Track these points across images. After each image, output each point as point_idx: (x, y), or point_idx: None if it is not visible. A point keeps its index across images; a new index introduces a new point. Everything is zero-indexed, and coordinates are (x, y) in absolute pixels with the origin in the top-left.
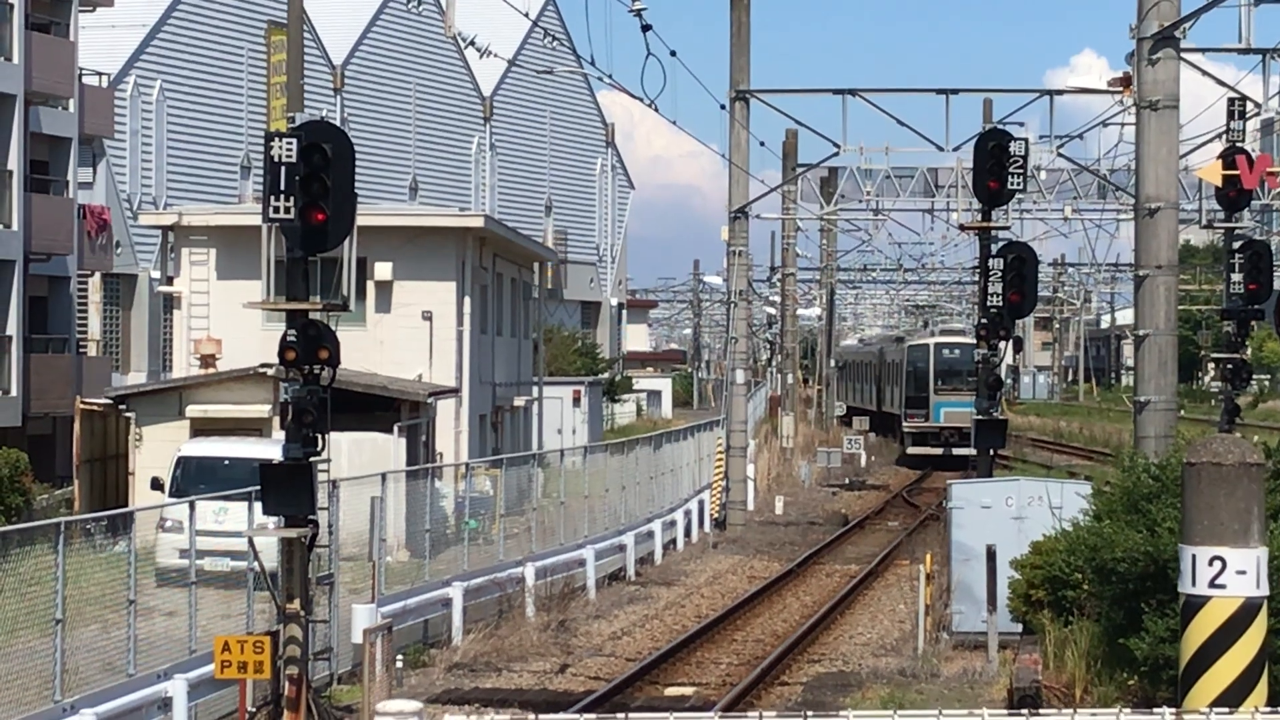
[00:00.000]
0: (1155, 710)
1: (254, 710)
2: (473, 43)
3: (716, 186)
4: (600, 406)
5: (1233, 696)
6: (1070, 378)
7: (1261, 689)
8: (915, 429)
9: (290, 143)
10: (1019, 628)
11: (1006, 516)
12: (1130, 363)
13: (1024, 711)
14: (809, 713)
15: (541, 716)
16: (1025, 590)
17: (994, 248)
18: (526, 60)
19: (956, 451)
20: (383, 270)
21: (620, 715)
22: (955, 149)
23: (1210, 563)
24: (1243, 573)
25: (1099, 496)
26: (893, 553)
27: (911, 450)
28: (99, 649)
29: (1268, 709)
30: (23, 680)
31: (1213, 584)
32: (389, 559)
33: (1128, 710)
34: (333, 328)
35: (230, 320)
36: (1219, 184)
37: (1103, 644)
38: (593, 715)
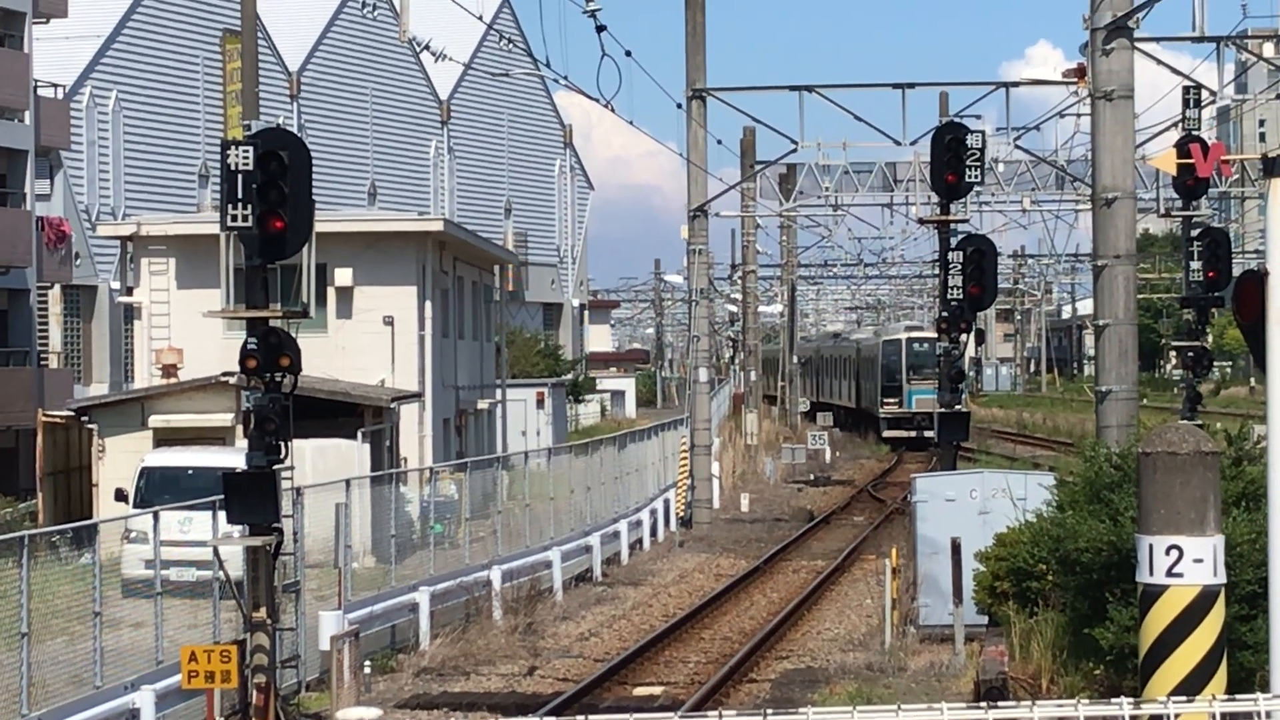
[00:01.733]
0: (1114, 700)
1: (222, 719)
2: (427, 47)
3: (676, 185)
4: (564, 408)
5: (1192, 684)
6: (1033, 369)
7: (1220, 676)
8: (890, 415)
9: (246, 151)
10: (985, 620)
11: (971, 509)
12: (1092, 352)
13: (983, 705)
14: (769, 711)
15: None
16: (990, 582)
17: (953, 241)
18: (482, 63)
19: (928, 434)
20: (343, 276)
21: (581, 718)
22: (913, 143)
23: (1167, 552)
24: (1200, 561)
25: (1062, 487)
26: (859, 547)
27: (887, 434)
28: (66, 661)
29: (1226, 696)
30: None
31: (1170, 573)
32: (355, 565)
33: (1086, 700)
34: (294, 335)
35: (191, 329)
36: (1174, 173)
37: (1068, 634)
38: (559, 718)
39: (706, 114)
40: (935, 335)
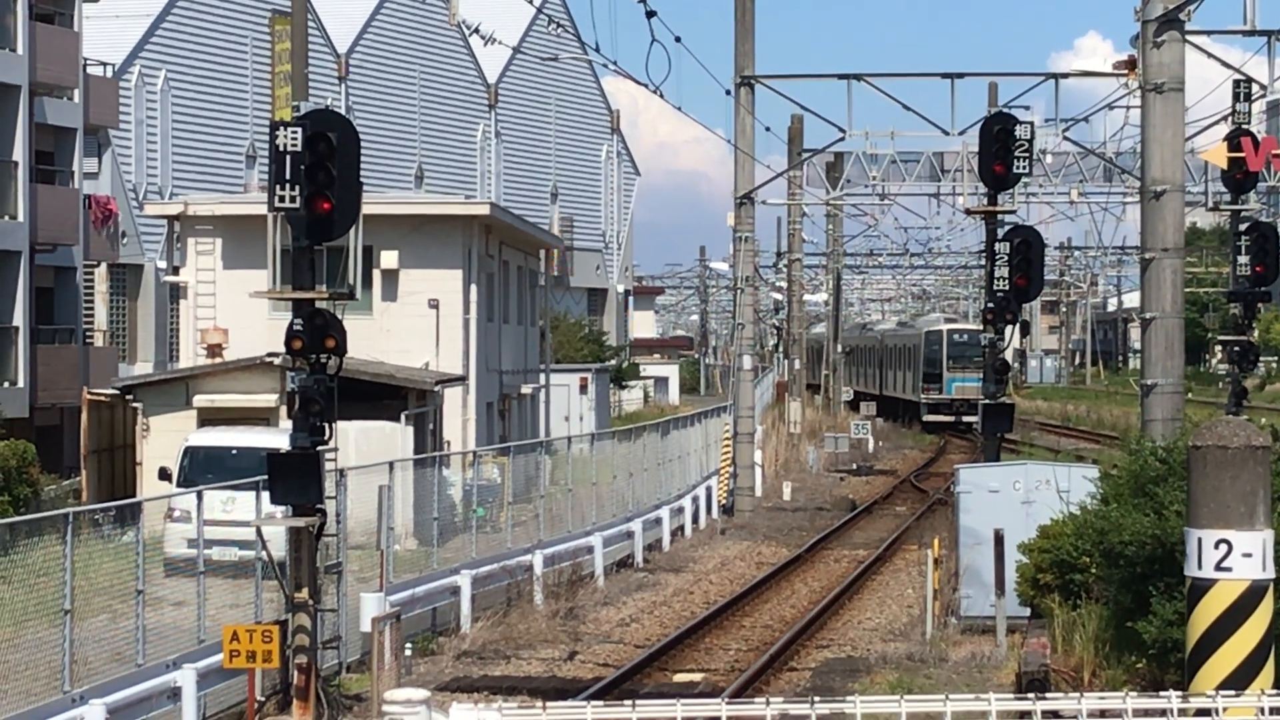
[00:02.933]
0: (1162, 693)
1: (263, 699)
2: (476, 30)
3: (722, 172)
4: (607, 393)
5: (1240, 679)
6: (1078, 361)
7: (1268, 671)
8: (931, 400)
9: (295, 132)
10: (1027, 612)
11: (1014, 501)
12: (1138, 346)
13: (1030, 696)
14: (816, 699)
15: (550, 705)
16: (1033, 574)
17: (1000, 232)
18: (531, 47)
19: (965, 419)
20: (389, 259)
21: (628, 703)
22: (961, 133)
23: (1216, 546)
24: (1249, 555)
25: (1106, 480)
26: (901, 537)
27: (927, 418)
28: (108, 639)
29: (1274, 691)
30: (32, 671)
31: (1219, 567)
32: (397, 547)
33: (1134, 693)
34: (339, 316)
35: (237, 310)
36: (1224, 166)
37: (1111, 627)
38: (600, 703)
39: (755, 101)
40: (973, 327)
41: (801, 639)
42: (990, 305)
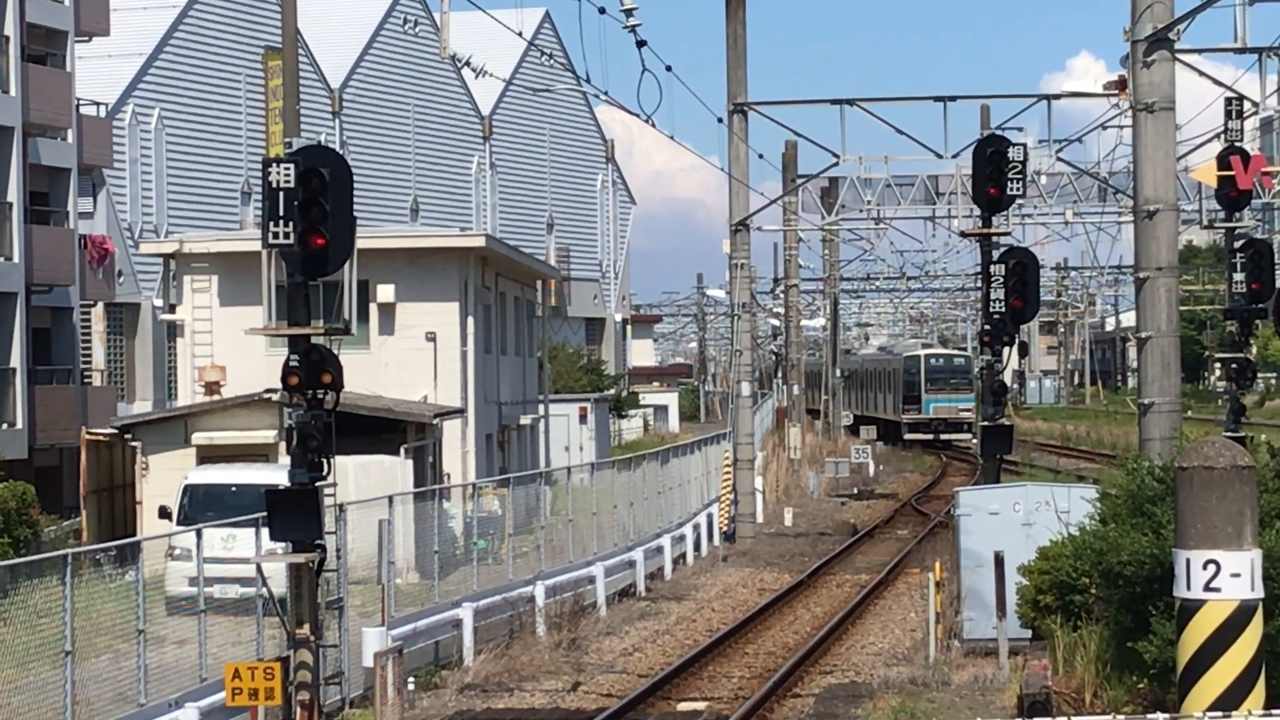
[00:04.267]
0: (1150, 716)
1: None
2: (468, 63)
3: (719, 199)
4: (607, 423)
5: (1230, 699)
6: (1077, 381)
7: (1259, 691)
8: (911, 420)
9: (288, 168)
10: (1029, 633)
11: (1015, 522)
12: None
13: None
14: None
15: None
16: (1033, 596)
17: (995, 254)
18: (524, 79)
19: (943, 436)
20: (385, 292)
21: None
22: (954, 156)
23: (1204, 566)
24: (1237, 575)
25: (1104, 500)
26: (903, 561)
27: (908, 436)
28: (110, 679)
29: (1263, 712)
30: (36, 713)
31: (1207, 587)
32: (398, 581)
33: (1124, 716)
34: (336, 351)
35: (234, 347)
36: (1214, 185)
37: (1112, 648)
38: None
39: (748, 128)
40: (948, 352)
41: (805, 665)
42: (987, 327)
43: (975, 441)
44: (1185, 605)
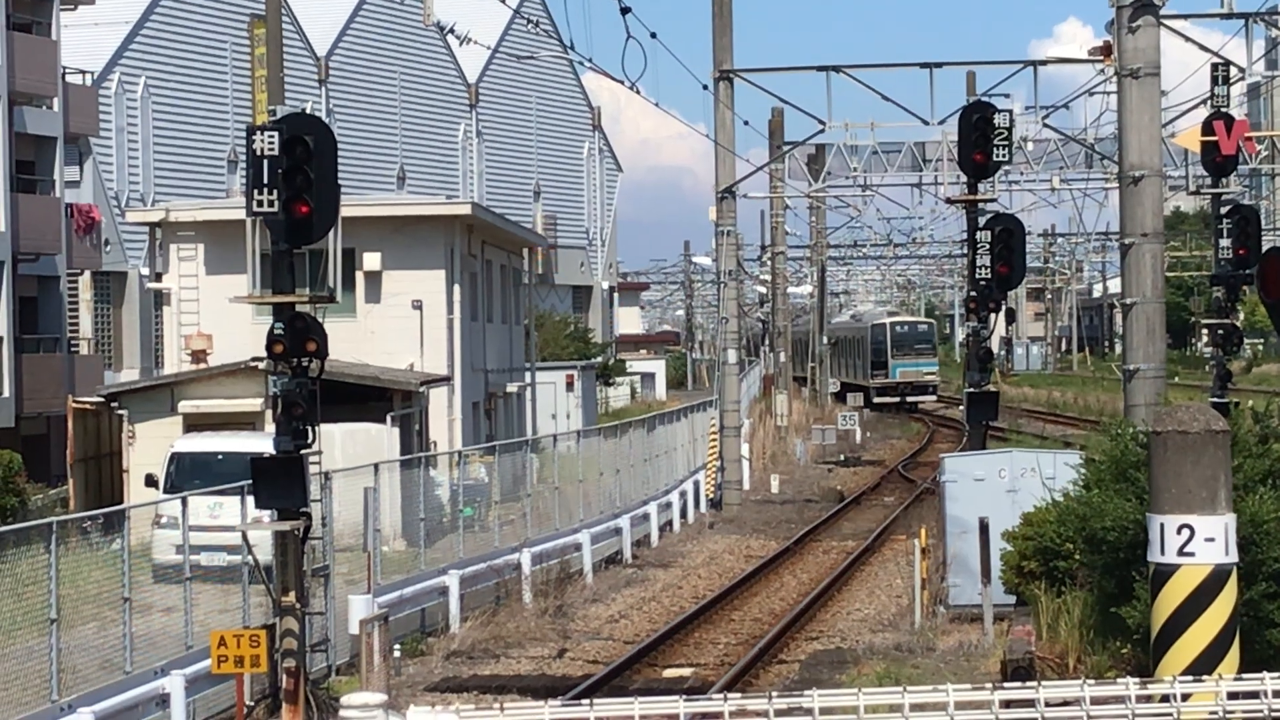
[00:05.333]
0: (1120, 680)
1: (252, 704)
2: (452, 30)
3: (706, 167)
4: (594, 390)
5: (1204, 664)
6: (1064, 348)
7: (1233, 656)
8: (879, 384)
9: (272, 136)
10: (1014, 599)
11: (1000, 489)
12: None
13: (988, 686)
14: (774, 694)
15: (507, 705)
16: (1017, 562)
17: (981, 220)
18: (510, 47)
19: (909, 398)
20: (371, 260)
21: (585, 703)
22: (941, 122)
23: (1179, 531)
24: (1211, 540)
25: (1089, 466)
26: (889, 528)
27: (877, 400)
28: (96, 647)
29: (1235, 677)
30: (21, 680)
31: (1181, 552)
32: (385, 549)
33: (1092, 681)
34: (321, 319)
35: (221, 315)
36: (1198, 150)
37: (1095, 613)
38: (557, 703)
39: (734, 95)
40: (912, 319)
41: (791, 631)
42: (973, 294)
43: (933, 400)
44: (1160, 570)
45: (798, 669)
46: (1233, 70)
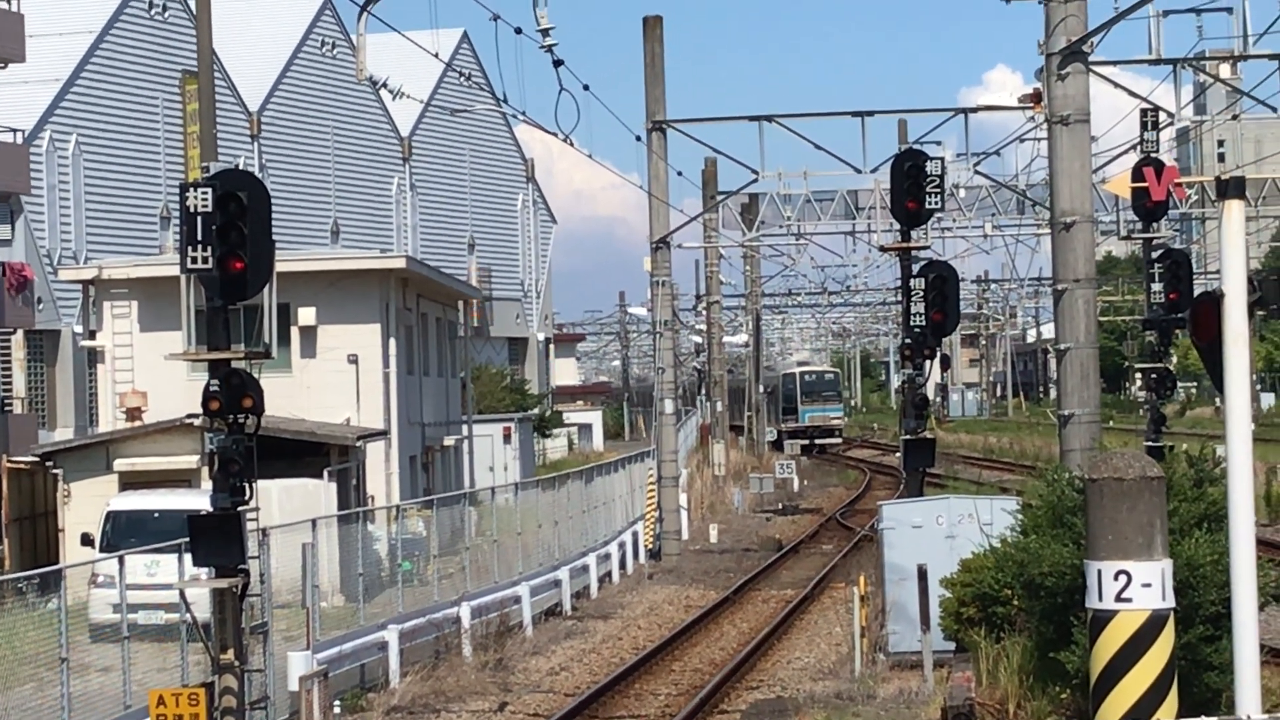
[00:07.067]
0: None
1: None
2: (385, 85)
3: (640, 217)
4: (531, 442)
5: (1143, 709)
6: (999, 393)
7: (1171, 700)
8: (790, 428)
9: (205, 192)
10: (954, 646)
11: (938, 535)
12: (1056, 376)
13: None
14: None
15: None
16: (956, 608)
17: (915, 267)
18: (443, 100)
19: (818, 441)
20: (306, 315)
21: None
22: (873, 170)
23: (1116, 577)
24: (1148, 585)
25: (1025, 511)
26: (828, 575)
27: (787, 442)
28: (34, 708)
29: None
30: None
31: (1119, 598)
32: (323, 605)
33: None
34: (257, 375)
35: (155, 372)
36: (1128, 197)
37: (1034, 659)
38: None
39: (667, 146)
40: (820, 368)
41: (731, 681)
42: (908, 341)
43: (838, 442)
44: (1097, 616)
45: (738, 719)
46: (1162, 116)
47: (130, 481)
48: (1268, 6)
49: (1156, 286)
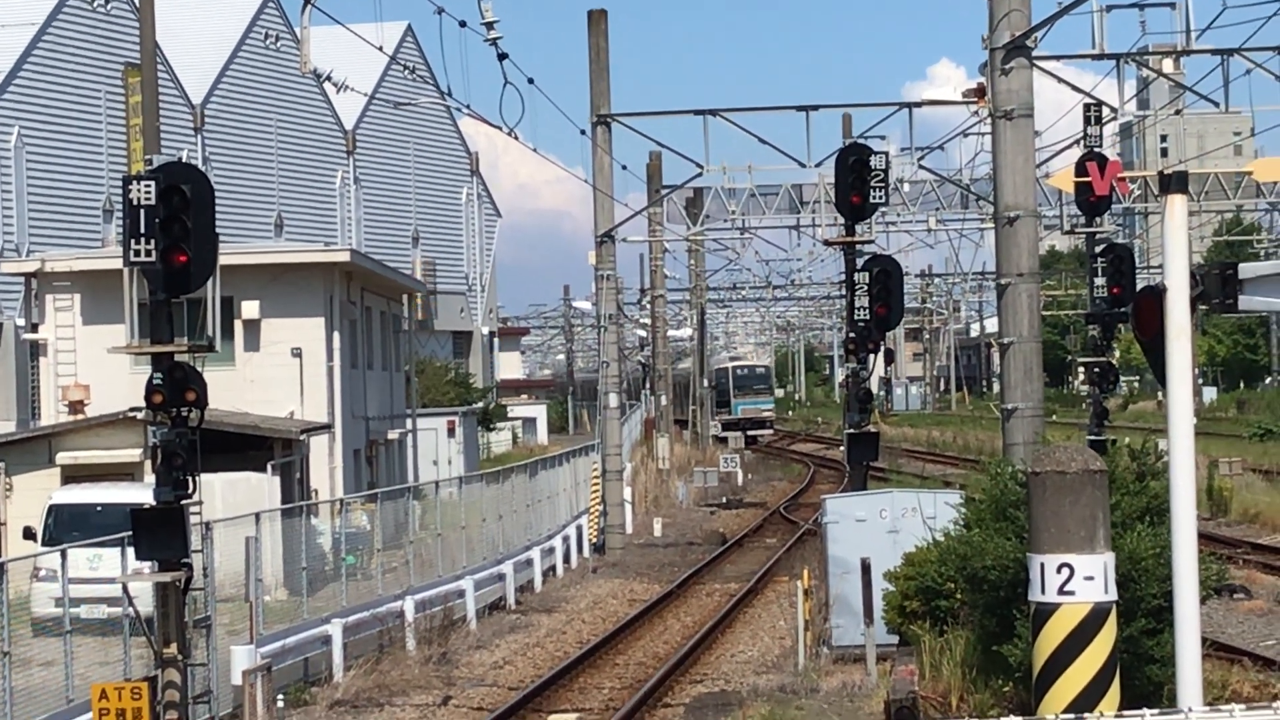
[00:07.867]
0: (1002, 718)
1: None
2: (329, 78)
3: (585, 210)
4: (475, 436)
5: (1085, 701)
6: (943, 387)
7: (1114, 693)
8: (723, 420)
9: (148, 185)
10: (897, 639)
11: (881, 529)
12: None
13: None
14: None
15: None
16: (899, 602)
17: (859, 262)
18: (387, 93)
19: (750, 432)
20: (250, 309)
21: None
22: (817, 165)
23: (1059, 570)
24: (1090, 578)
25: (968, 505)
26: (772, 569)
27: (722, 434)
28: None
29: (1115, 714)
30: None
31: (1061, 590)
32: (267, 598)
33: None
34: (200, 369)
35: (98, 365)
36: (1072, 191)
37: (977, 652)
38: None
39: (612, 139)
40: (751, 362)
41: (675, 674)
42: (852, 335)
43: (770, 434)
44: (1040, 609)
45: (682, 712)
46: (1105, 111)
47: (73, 475)
48: (1210, 2)
49: (1099, 281)
